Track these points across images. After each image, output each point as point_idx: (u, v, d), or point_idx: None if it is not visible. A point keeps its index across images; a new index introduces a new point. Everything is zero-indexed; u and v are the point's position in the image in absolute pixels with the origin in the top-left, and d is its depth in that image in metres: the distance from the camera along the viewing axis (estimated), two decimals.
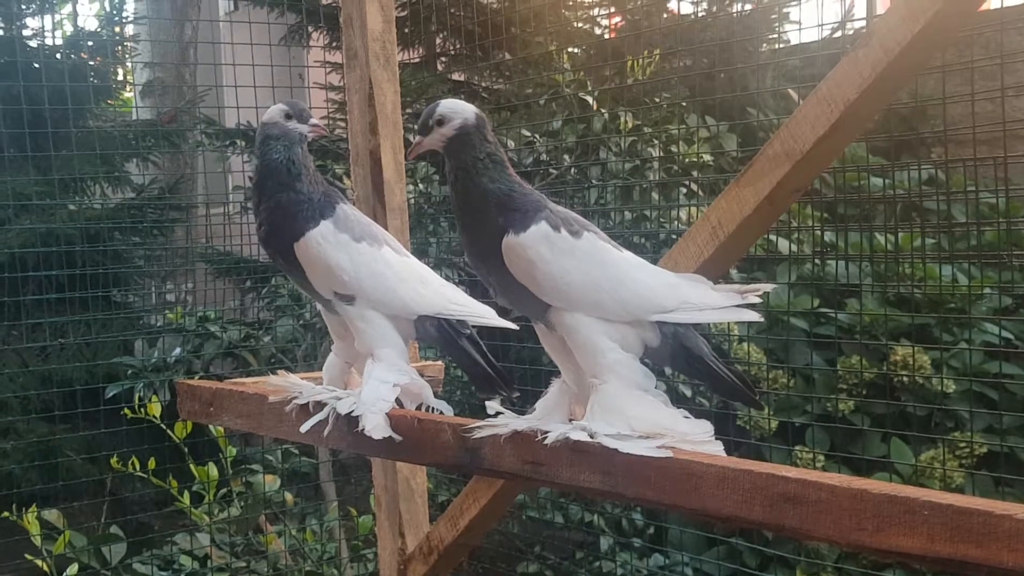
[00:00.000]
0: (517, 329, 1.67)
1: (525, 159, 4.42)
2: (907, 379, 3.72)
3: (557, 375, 1.49)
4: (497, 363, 1.67)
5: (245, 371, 4.45)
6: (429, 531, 2.57)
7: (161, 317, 5.02)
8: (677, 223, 4.14)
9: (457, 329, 1.65)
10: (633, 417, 1.31)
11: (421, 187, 4.53)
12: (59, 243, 4.61)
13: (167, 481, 3.73)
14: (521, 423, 1.37)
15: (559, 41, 5.30)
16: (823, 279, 4.00)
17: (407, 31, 5.72)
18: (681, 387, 3.76)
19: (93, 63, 5.89)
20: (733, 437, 3.70)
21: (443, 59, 6.29)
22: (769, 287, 1.43)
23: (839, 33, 4.89)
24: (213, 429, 3.74)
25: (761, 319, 1.42)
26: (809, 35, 6.92)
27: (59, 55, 5.73)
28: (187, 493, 3.81)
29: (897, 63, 1.54)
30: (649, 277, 1.41)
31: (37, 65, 5.25)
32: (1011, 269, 3.67)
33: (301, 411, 1.65)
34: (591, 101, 4.36)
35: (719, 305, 1.39)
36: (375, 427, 1.50)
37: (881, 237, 3.96)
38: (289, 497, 4.21)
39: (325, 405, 1.61)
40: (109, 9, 6.06)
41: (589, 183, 4.35)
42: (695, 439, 1.30)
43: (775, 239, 4.10)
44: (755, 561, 3.85)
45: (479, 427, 1.39)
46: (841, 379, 3.89)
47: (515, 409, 1.46)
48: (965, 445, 3.54)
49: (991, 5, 3.78)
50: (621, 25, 5.96)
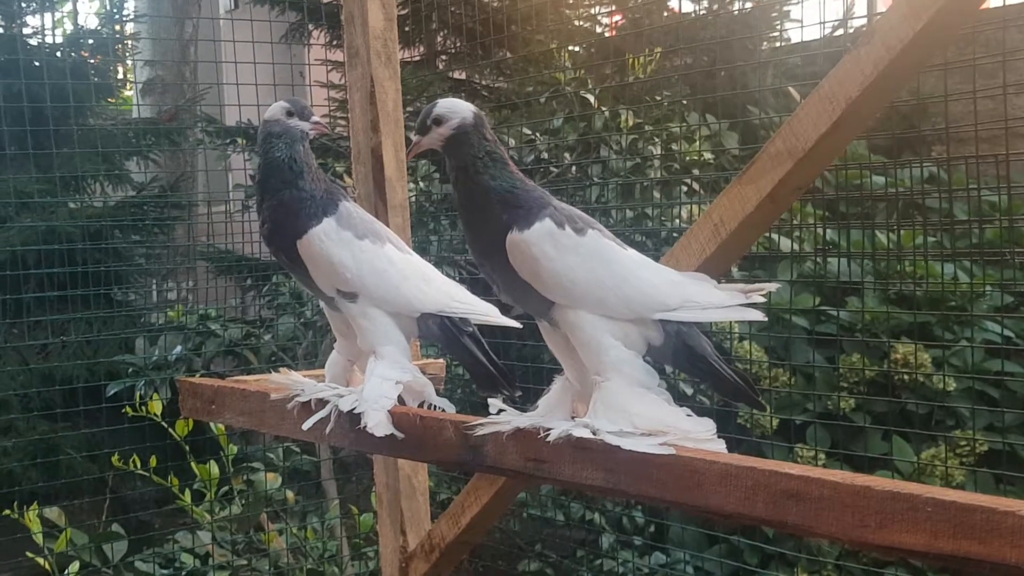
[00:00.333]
0: (520, 327, 1.67)
1: (526, 157, 4.42)
2: (908, 377, 3.72)
3: (557, 373, 1.49)
4: (498, 361, 1.67)
5: (246, 369, 4.45)
6: (431, 529, 2.57)
7: (162, 315, 5.02)
8: (678, 221, 4.13)
9: (460, 327, 1.65)
10: (636, 414, 1.30)
11: (422, 185, 4.53)
12: (60, 241, 4.61)
13: (168, 479, 3.74)
14: (524, 420, 1.37)
15: (560, 39, 5.30)
16: (824, 277, 4.00)
17: (407, 29, 5.72)
18: (682, 385, 3.76)
19: (93, 61, 5.89)
20: (734, 435, 3.69)
21: (443, 57, 6.28)
22: (773, 286, 1.43)
23: (840, 31, 4.89)
24: (214, 427, 3.74)
25: (765, 318, 1.41)
26: (810, 33, 6.93)
27: (59, 53, 5.73)
28: (188, 491, 3.81)
29: (899, 61, 1.54)
30: (653, 275, 1.41)
31: (38, 63, 5.25)
32: (1012, 267, 3.67)
33: (303, 409, 1.65)
34: (592, 99, 4.36)
35: (723, 304, 1.39)
36: (377, 424, 1.49)
37: (881, 235, 3.96)
38: (290, 495, 4.22)
39: (327, 403, 1.60)
40: (109, 7, 6.07)
41: (590, 181, 4.35)
42: (697, 437, 1.30)
43: (776, 238, 4.10)
44: (756, 559, 3.85)
45: (481, 424, 1.39)
46: (842, 377, 3.89)
47: (517, 407, 1.46)
48: (966, 443, 3.54)
49: (991, 3, 3.78)
50: (621, 23, 5.96)
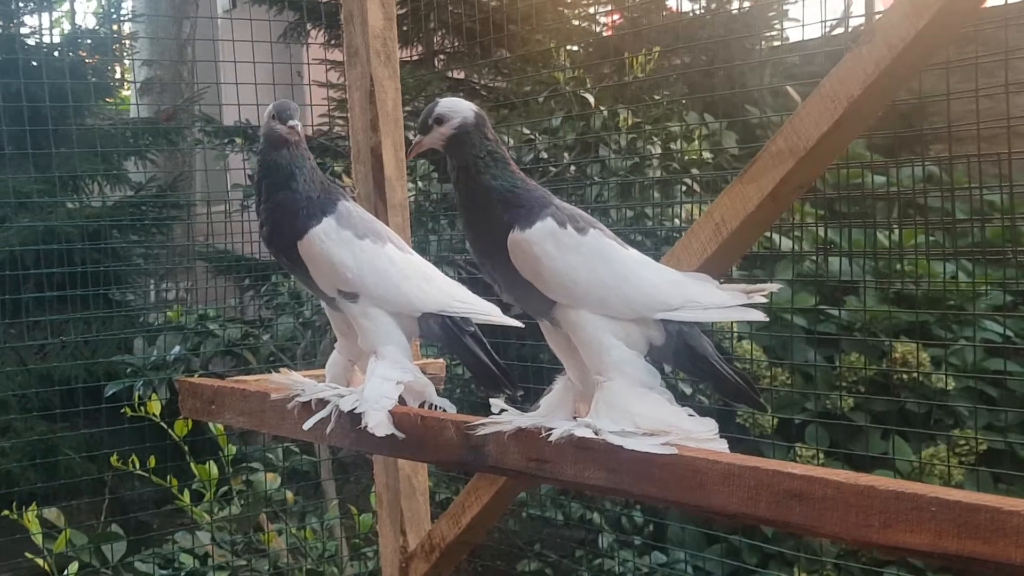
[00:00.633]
0: (522, 327, 1.67)
1: (524, 157, 4.41)
2: (907, 376, 3.72)
3: (556, 373, 1.48)
4: (500, 361, 1.67)
5: (244, 369, 4.45)
6: (431, 529, 2.57)
7: (161, 315, 5.01)
8: (677, 220, 4.13)
9: (461, 326, 1.65)
10: (638, 414, 1.30)
11: (420, 185, 4.53)
12: (58, 241, 4.60)
13: (167, 479, 3.73)
14: (525, 420, 1.36)
15: (558, 39, 5.30)
16: (823, 277, 4.00)
17: (406, 29, 5.71)
18: (681, 385, 3.75)
19: (91, 61, 5.88)
20: (733, 435, 3.68)
21: (441, 57, 6.28)
22: (775, 287, 1.43)
23: (840, 30, 4.89)
24: (213, 427, 3.74)
25: (767, 319, 1.41)
26: (809, 32, 6.92)
27: (57, 53, 5.72)
28: (187, 491, 3.80)
29: (901, 59, 1.54)
30: (654, 275, 1.40)
31: (36, 63, 5.24)
32: (1013, 266, 3.67)
33: (303, 409, 1.64)
34: (590, 99, 4.36)
35: (725, 304, 1.38)
36: (378, 424, 1.49)
37: (880, 234, 3.96)
38: (289, 495, 4.21)
39: (328, 403, 1.60)
40: (107, 6, 6.06)
41: (589, 181, 4.35)
42: (699, 437, 1.30)
43: (776, 238, 4.10)
44: (755, 559, 3.85)
45: (483, 424, 1.38)
46: (841, 377, 3.89)
47: (517, 407, 1.46)
48: (965, 443, 3.54)
49: (991, 2, 3.78)
50: (619, 23, 5.96)
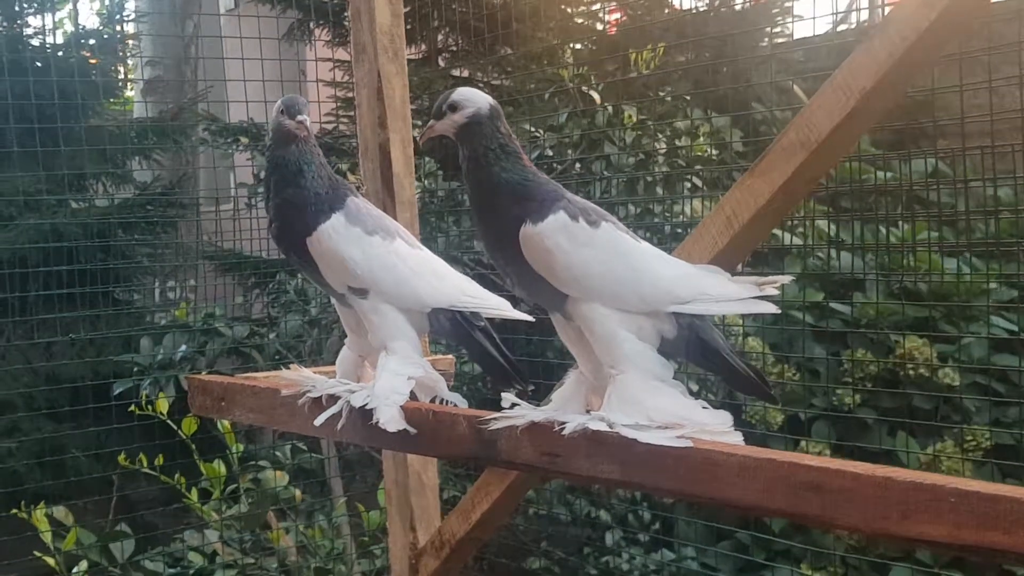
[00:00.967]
0: (533, 321, 1.66)
1: (530, 154, 4.41)
2: (913, 372, 3.71)
3: (564, 369, 1.48)
4: (511, 355, 1.66)
5: (251, 367, 4.45)
6: (441, 525, 2.57)
7: (167, 314, 5.01)
8: (682, 216, 4.13)
9: (471, 321, 1.64)
10: (651, 407, 1.30)
11: (426, 183, 4.52)
12: (64, 240, 4.61)
13: (175, 478, 3.74)
14: (538, 414, 1.36)
15: (561, 36, 5.30)
16: (829, 272, 3.99)
17: (410, 27, 5.70)
18: (688, 382, 3.75)
19: (94, 61, 5.89)
20: (739, 430, 3.67)
21: (445, 55, 6.28)
22: (787, 279, 1.43)
23: (844, 26, 4.88)
24: (220, 425, 3.74)
25: (779, 311, 1.41)
26: (812, 28, 6.92)
27: (60, 53, 5.72)
28: (195, 490, 3.81)
29: (913, 51, 1.53)
30: (666, 268, 1.40)
31: (39, 64, 5.24)
32: (1021, 261, 3.66)
33: (314, 405, 1.63)
34: (595, 96, 4.35)
35: (737, 297, 1.38)
36: (389, 420, 1.48)
37: (885, 229, 3.95)
38: (297, 493, 4.21)
39: (339, 399, 1.60)
40: (110, 6, 6.06)
41: (596, 177, 4.34)
42: (714, 429, 1.29)
43: (781, 234, 4.09)
44: (762, 554, 3.84)
45: (495, 419, 1.38)
46: (847, 372, 3.88)
47: (528, 402, 1.45)
48: (972, 438, 3.53)
49: None
50: (621, 21, 5.95)
